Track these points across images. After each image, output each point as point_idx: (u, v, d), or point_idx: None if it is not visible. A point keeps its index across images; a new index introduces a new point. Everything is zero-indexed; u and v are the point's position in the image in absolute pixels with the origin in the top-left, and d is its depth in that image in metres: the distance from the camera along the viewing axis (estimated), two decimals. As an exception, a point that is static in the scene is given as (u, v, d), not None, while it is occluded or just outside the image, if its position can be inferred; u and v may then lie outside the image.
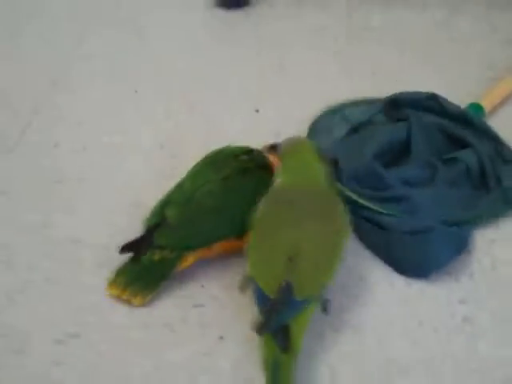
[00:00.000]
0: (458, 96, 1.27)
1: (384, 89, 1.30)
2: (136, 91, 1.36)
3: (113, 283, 0.99)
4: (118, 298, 0.98)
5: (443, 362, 0.92)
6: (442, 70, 1.39)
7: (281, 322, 0.90)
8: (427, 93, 1.24)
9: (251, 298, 0.94)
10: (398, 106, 1.24)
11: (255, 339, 0.90)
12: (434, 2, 1.57)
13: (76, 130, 1.28)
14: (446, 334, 0.95)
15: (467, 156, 1.14)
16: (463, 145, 1.18)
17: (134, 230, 1.04)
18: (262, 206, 0.98)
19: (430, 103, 1.23)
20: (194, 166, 1.07)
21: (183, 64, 1.42)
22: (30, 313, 0.98)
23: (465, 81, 1.35)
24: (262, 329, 0.89)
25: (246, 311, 0.95)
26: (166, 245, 1.00)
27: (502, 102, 1.30)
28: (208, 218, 1.01)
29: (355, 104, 1.29)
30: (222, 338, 0.95)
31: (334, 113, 1.27)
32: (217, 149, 1.09)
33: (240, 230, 1.00)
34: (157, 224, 1.01)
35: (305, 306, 0.91)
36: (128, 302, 0.98)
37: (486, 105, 1.26)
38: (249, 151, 1.07)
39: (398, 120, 1.22)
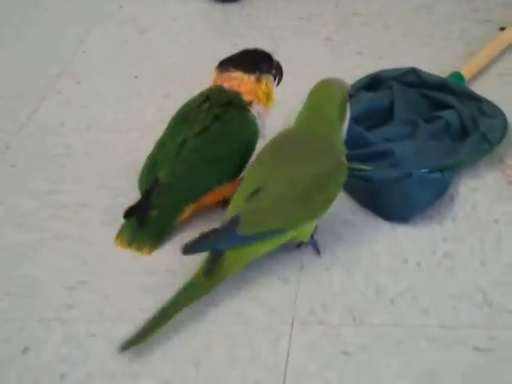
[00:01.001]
0: (440, 69, 1.35)
1: (369, 66, 1.38)
2: (136, 77, 1.44)
3: (119, 237, 1.07)
4: (125, 249, 1.06)
5: (425, 290, 0.98)
6: (424, 47, 1.47)
7: (212, 249, 0.97)
8: (407, 68, 1.31)
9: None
10: (380, 82, 1.31)
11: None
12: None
13: (81, 112, 1.36)
14: (428, 268, 1.02)
15: (448, 114, 1.21)
16: (445, 108, 1.24)
17: (135, 191, 1.12)
18: (258, 153, 1.05)
19: (410, 77, 1.29)
20: (170, 123, 1.14)
21: (181, 52, 1.51)
22: (42, 265, 1.06)
23: (445, 56, 1.42)
24: (185, 249, 0.97)
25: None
26: (163, 204, 1.07)
27: (481, 71, 1.36)
28: (197, 172, 1.08)
29: None
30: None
31: None
32: (184, 104, 1.15)
33: (230, 175, 1.08)
34: (151, 186, 1.07)
35: (248, 241, 0.97)
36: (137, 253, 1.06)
37: (466, 73, 1.33)
38: (206, 97, 1.13)
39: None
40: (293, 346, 0.92)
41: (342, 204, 1.11)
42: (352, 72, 1.36)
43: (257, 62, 1.13)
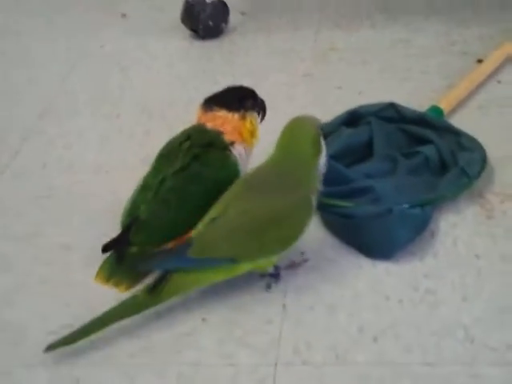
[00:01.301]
0: (418, 103, 1.36)
1: (349, 101, 1.39)
2: (118, 115, 1.45)
3: (99, 273, 1.08)
4: (104, 285, 1.07)
5: (408, 327, 0.99)
6: (403, 81, 1.48)
7: (159, 268, 1.00)
8: (386, 103, 1.32)
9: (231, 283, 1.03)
10: (359, 117, 1.32)
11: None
12: (394, 23, 1.67)
13: (63, 153, 1.37)
14: (410, 304, 1.02)
15: (427, 149, 1.22)
16: (424, 143, 1.26)
17: (119, 232, 1.12)
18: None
19: (389, 112, 1.30)
20: (153, 162, 1.15)
21: (162, 90, 1.52)
22: (25, 310, 1.06)
23: (424, 89, 1.44)
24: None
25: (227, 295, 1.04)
26: (140, 241, 1.08)
27: (460, 104, 1.38)
28: (174, 212, 1.09)
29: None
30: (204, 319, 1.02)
31: None
32: (167, 142, 1.16)
33: None
34: (130, 222, 1.09)
35: (196, 264, 0.99)
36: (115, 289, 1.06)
37: (445, 106, 1.34)
38: (188, 137, 1.14)
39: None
40: (277, 387, 0.93)
41: (325, 242, 1.12)
42: (331, 107, 1.38)
43: (241, 99, 1.14)
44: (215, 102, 1.14)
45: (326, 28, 1.67)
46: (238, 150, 1.13)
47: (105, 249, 1.08)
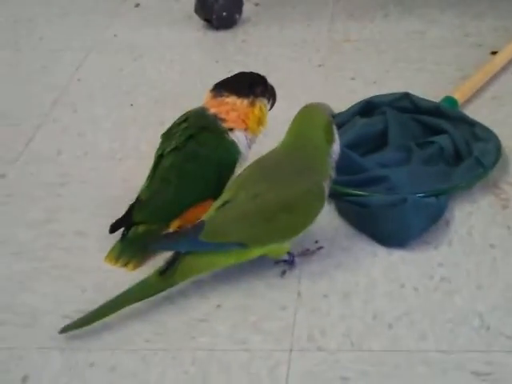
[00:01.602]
0: (433, 93, 1.36)
1: (363, 92, 1.39)
2: (131, 104, 1.45)
3: (108, 254, 1.09)
4: (114, 266, 1.09)
5: (423, 315, 0.99)
6: (417, 72, 1.48)
7: (171, 249, 1.00)
8: (400, 93, 1.32)
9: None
10: (373, 107, 1.31)
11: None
12: (409, 15, 1.67)
13: (77, 140, 1.37)
14: (425, 292, 1.02)
15: (441, 138, 1.22)
16: (438, 133, 1.25)
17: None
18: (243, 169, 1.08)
19: (403, 102, 1.30)
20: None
21: (176, 79, 1.52)
22: (40, 295, 1.06)
23: (438, 80, 1.44)
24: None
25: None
26: (141, 220, 1.10)
27: (474, 95, 1.37)
28: (173, 189, 1.10)
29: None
30: (218, 306, 1.02)
31: None
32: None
33: (208, 193, 1.09)
34: (133, 202, 1.11)
35: (207, 248, 1.00)
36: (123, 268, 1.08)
37: (459, 97, 1.34)
38: (186, 118, 1.14)
39: (375, 117, 1.30)
40: (292, 373, 0.93)
41: (339, 230, 1.12)
42: (346, 98, 1.38)
43: (251, 85, 1.14)
44: (225, 87, 1.14)
45: (340, 19, 1.67)
46: (236, 136, 1.12)
47: (112, 229, 1.10)
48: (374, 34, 1.61)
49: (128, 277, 1.06)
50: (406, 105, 1.29)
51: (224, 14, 1.65)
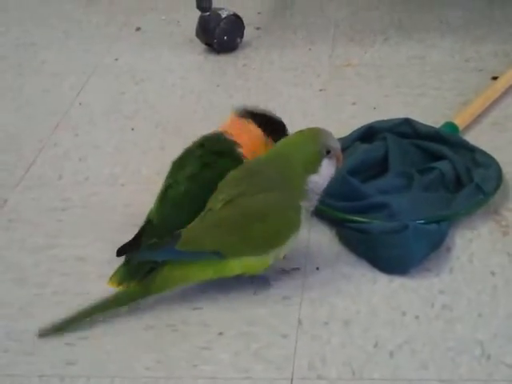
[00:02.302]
0: (433, 119, 1.37)
1: (364, 117, 1.40)
2: (132, 129, 1.45)
3: (112, 277, 1.09)
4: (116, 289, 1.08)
5: (424, 343, 0.99)
6: (418, 97, 1.48)
7: (148, 258, 1.02)
8: (401, 118, 1.32)
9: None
10: (374, 133, 1.32)
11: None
12: (409, 40, 1.67)
13: (78, 165, 1.37)
14: (426, 320, 1.02)
15: (442, 164, 1.22)
16: (439, 159, 1.25)
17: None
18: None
19: (404, 128, 1.30)
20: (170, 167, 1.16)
21: (177, 104, 1.53)
22: (41, 321, 1.05)
23: (439, 105, 1.44)
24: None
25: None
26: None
27: (474, 120, 1.38)
28: (187, 216, 1.09)
29: None
30: (220, 333, 1.02)
31: None
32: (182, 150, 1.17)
33: None
34: (143, 226, 1.11)
35: (183, 256, 1.01)
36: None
37: (460, 123, 1.34)
38: (201, 144, 1.15)
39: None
40: (293, 402, 0.93)
41: (340, 257, 1.12)
42: (346, 123, 1.38)
43: (273, 129, 1.14)
44: (253, 116, 1.15)
45: (341, 43, 1.68)
46: None
47: (119, 253, 1.10)
48: (375, 58, 1.62)
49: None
50: (406, 130, 1.30)
51: (225, 38, 1.66)
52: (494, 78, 1.49)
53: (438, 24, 1.72)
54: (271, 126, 1.15)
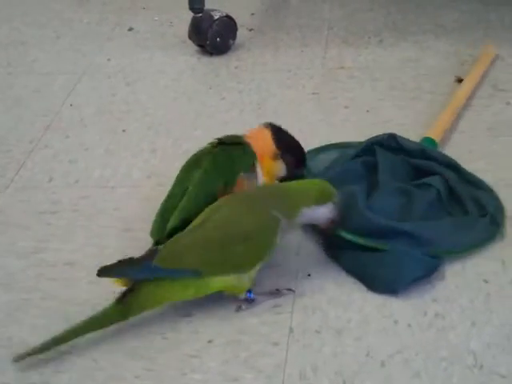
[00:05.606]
0: (427, 122, 1.36)
1: (356, 120, 1.39)
2: (124, 130, 1.44)
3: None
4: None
5: (416, 353, 0.98)
6: (412, 100, 1.47)
7: (124, 276, 0.98)
8: (386, 134, 1.27)
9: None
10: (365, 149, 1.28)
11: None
12: (404, 42, 1.66)
13: (69, 167, 1.35)
14: (419, 329, 1.01)
15: (435, 181, 1.19)
16: (428, 174, 1.22)
17: (123, 249, 1.12)
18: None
19: (390, 142, 1.27)
20: (178, 173, 1.15)
21: (168, 105, 1.51)
22: (29, 327, 1.04)
23: (433, 109, 1.43)
24: (100, 271, 0.98)
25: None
26: None
27: (448, 131, 1.36)
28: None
29: (327, 149, 1.31)
30: (210, 341, 1.01)
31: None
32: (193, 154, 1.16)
33: None
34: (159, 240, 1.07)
35: (160, 274, 0.98)
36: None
37: (435, 136, 1.31)
38: (218, 140, 1.15)
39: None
40: (283, 412, 0.91)
41: (332, 265, 1.11)
42: (339, 126, 1.37)
43: (291, 156, 1.15)
44: (272, 126, 1.15)
45: (334, 45, 1.67)
46: (257, 168, 1.13)
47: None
48: (369, 61, 1.60)
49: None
50: (392, 145, 1.27)
51: (218, 39, 1.64)
52: (460, 81, 1.47)
53: (433, 26, 1.71)
54: (285, 143, 1.14)
